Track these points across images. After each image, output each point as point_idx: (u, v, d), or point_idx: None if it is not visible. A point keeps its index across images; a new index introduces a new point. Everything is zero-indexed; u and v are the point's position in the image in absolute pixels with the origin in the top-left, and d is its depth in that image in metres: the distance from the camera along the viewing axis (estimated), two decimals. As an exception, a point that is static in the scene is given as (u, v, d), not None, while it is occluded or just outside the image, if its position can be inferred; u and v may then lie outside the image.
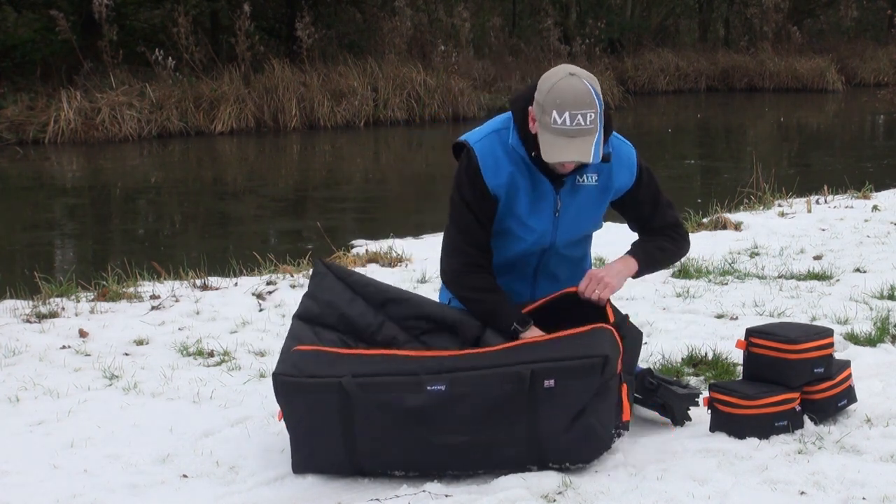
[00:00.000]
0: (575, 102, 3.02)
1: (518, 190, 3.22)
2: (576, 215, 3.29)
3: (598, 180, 3.28)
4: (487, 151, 3.21)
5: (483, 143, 3.23)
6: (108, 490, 3.02)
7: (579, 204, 3.28)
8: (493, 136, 3.24)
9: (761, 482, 2.91)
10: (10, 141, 14.42)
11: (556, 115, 3.02)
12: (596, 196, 3.30)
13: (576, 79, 3.05)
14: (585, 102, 3.02)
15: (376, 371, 3.03)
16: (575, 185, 3.25)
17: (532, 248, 3.32)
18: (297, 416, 3.07)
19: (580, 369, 2.95)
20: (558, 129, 3.03)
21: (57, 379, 4.04)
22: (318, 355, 3.12)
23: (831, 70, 23.41)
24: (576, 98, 3.02)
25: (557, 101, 3.02)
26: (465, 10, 20.08)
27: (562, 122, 3.02)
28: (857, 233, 6.78)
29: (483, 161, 3.20)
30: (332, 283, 3.34)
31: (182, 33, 16.57)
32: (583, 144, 3.04)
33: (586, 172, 3.25)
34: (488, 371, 2.98)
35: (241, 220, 10.25)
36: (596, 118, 3.04)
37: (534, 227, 3.27)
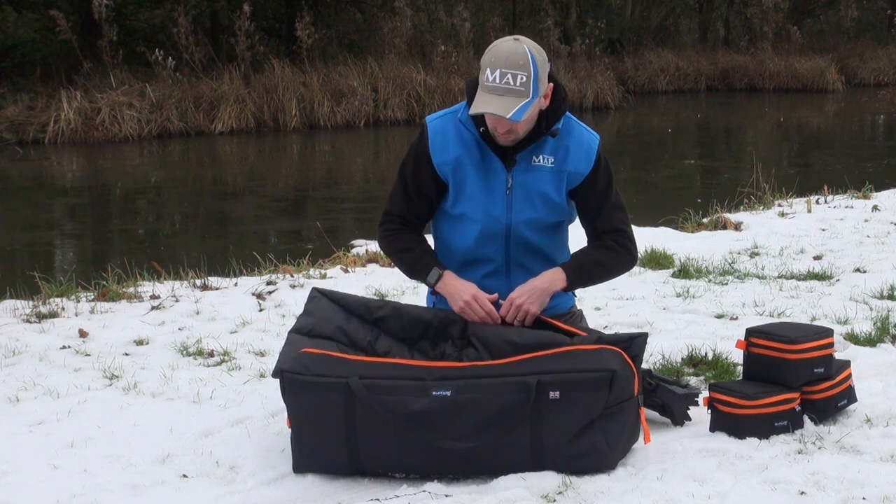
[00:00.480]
0: (507, 62, 3.08)
1: (466, 168, 3.26)
2: (529, 196, 3.27)
3: (554, 162, 3.27)
4: (439, 129, 3.30)
5: (437, 122, 3.32)
6: (108, 490, 3.02)
7: (532, 184, 3.27)
8: (449, 115, 3.33)
9: (761, 482, 2.91)
10: (10, 141, 14.42)
11: (488, 72, 3.10)
12: (551, 178, 3.28)
13: (517, 43, 3.12)
14: (518, 64, 3.08)
15: (383, 374, 3.03)
16: (530, 165, 3.26)
17: (491, 230, 3.30)
18: (302, 414, 3.07)
19: (587, 382, 2.95)
20: (488, 87, 3.09)
21: (57, 379, 4.04)
22: (325, 357, 3.12)
23: (831, 70, 23.41)
24: (508, 58, 3.09)
25: (492, 60, 3.11)
26: (465, 10, 20.08)
27: (492, 80, 3.09)
28: (857, 233, 6.78)
29: (433, 138, 3.28)
30: (327, 304, 3.35)
31: (182, 33, 16.57)
32: (506, 102, 3.08)
33: (542, 153, 3.26)
34: (495, 380, 2.98)
35: (241, 220, 10.25)
36: (528, 83, 3.08)
37: (486, 206, 3.27)
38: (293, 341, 3.24)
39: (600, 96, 19.84)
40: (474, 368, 3.05)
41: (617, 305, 5.01)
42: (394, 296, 5.31)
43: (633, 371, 3.04)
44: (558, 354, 3.04)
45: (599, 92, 19.83)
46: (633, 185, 11.74)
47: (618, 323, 4.66)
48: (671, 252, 6.08)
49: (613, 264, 3.36)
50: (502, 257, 3.35)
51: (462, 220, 3.33)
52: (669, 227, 7.35)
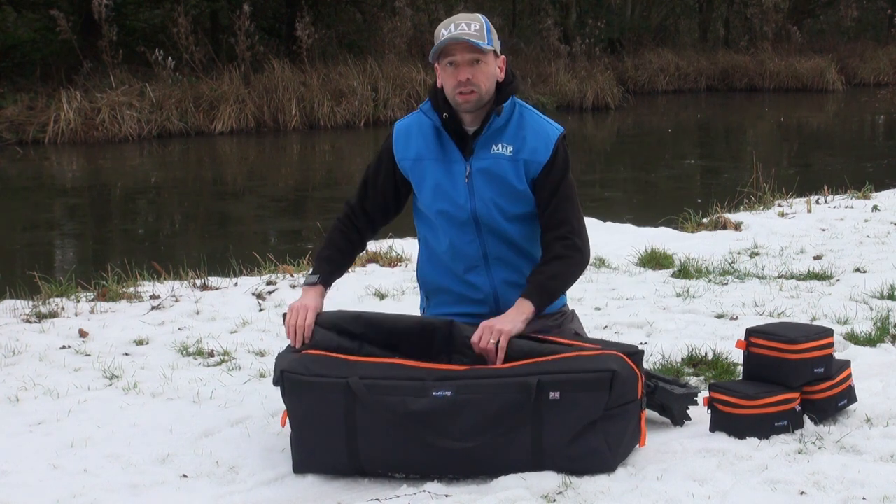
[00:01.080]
0: (458, 17, 3.30)
1: (425, 161, 3.34)
2: (489, 182, 3.30)
3: (513, 151, 3.31)
4: (403, 127, 3.43)
5: (403, 121, 3.46)
6: (108, 490, 3.02)
7: (491, 171, 3.30)
8: (416, 114, 3.45)
9: (761, 482, 2.91)
10: (10, 141, 14.42)
11: (443, 30, 3.27)
12: (510, 166, 3.30)
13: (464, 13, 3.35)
14: (469, 17, 3.31)
15: (383, 375, 3.03)
16: (489, 153, 3.30)
17: (458, 219, 3.32)
18: (302, 415, 3.07)
19: (587, 382, 2.95)
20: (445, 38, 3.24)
21: (57, 379, 4.03)
22: (325, 359, 3.13)
23: (831, 70, 23.41)
24: (460, 15, 3.31)
25: (443, 23, 3.31)
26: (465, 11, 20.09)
27: (447, 32, 3.24)
28: (857, 233, 6.78)
29: (397, 137, 3.41)
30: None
31: (182, 33, 16.58)
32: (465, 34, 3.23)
33: (501, 141, 3.30)
34: (496, 379, 2.98)
35: (241, 220, 10.26)
36: (482, 31, 3.26)
37: (448, 195, 3.32)
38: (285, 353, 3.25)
39: (600, 96, 19.84)
40: (475, 371, 3.05)
41: (617, 305, 5.01)
42: (394, 295, 5.32)
43: (637, 374, 3.04)
44: (558, 359, 3.03)
45: (599, 92, 19.83)
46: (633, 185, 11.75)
47: (618, 323, 4.66)
48: (671, 252, 6.08)
49: (568, 272, 3.32)
50: (478, 250, 3.35)
51: (432, 215, 3.39)
52: (669, 227, 7.35)
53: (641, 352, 3.17)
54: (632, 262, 6.00)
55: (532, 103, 4.06)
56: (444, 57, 3.26)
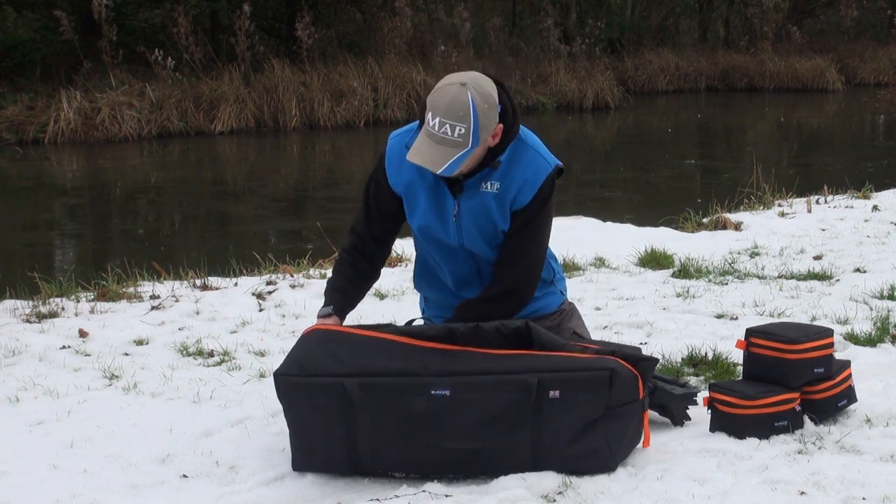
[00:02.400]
0: (447, 111, 2.99)
1: (417, 190, 3.23)
2: (475, 221, 3.23)
3: (499, 189, 3.20)
4: (395, 149, 3.26)
5: (395, 140, 3.28)
6: (108, 490, 3.02)
7: (477, 210, 3.21)
8: (405, 134, 3.27)
9: (761, 482, 2.91)
10: (10, 141, 14.42)
11: (429, 116, 3.04)
12: (495, 204, 3.21)
13: (462, 90, 3.00)
14: (458, 116, 2.99)
15: (379, 369, 3.01)
16: (478, 191, 3.20)
17: (448, 248, 3.29)
18: (299, 416, 3.06)
19: (586, 381, 2.94)
20: (428, 131, 3.04)
21: (57, 379, 4.04)
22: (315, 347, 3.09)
23: (831, 70, 23.41)
24: (448, 107, 3.00)
25: (434, 104, 3.03)
26: (465, 10, 20.09)
27: (432, 126, 3.03)
28: (857, 233, 6.78)
29: (389, 157, 3.27)
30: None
31: (182, 33, 16.58)
32: (440, 154, 3.01)
33: (490, 179, 3.19)
34: (495, 377, 2.96)
35: (241, 220, 10.25)
36: (466, 134, 2.99)
37: (437, 230, 3.27)
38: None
39: (600, 96, 19.84)
40: (474, 359, 3.01)
41: (617, 305, 5.01)
42: (394, 295, 5.32)
43: (636, 374, 3.04)
44: (558, 357, 3.03)
45: (599, 92, 19.83)
46: (633, 185, 11.76)
47: (618, 323, 4.66)
48: (671, 252, 6.08)
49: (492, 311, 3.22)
50: (472, 269, 3.34)
51: (423, 241, 3.36)
52: (669, 227, 7.35)
53: (656, 360, 3.14)
54: (632, 262, 6.00)
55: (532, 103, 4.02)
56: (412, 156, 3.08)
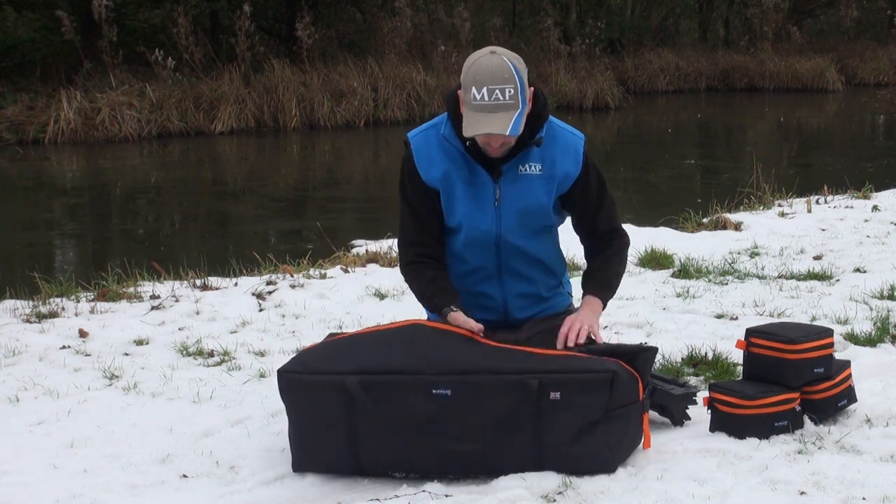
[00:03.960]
0: (492, 78, 3.04)
1: (454, 182, 3.23)
2: (518, 205, 3.25)
3: (542, 169, 3.24)
4: (422, 145, 3.25)
5: (419, 138, 3.27)
6: (108, 490, 3.02)
7: (521, 193, 3.24)
8: (430, 130, 3.28)
9: (761, 482, 2.91)
10: (10, 141, 14.42)
11: (475, 91, 3.05)
12: (540, 185, 3.25)
13: (495, 56, 3.07)
14: (503, 78, 3.04)
15: (382, 367, 3.00)
16: (517, 175, 3.23)
17: (481, 241, 3.27)
18: (301, 414, 3.07)
19: (587, 383, 2.94)
20: (477, 105, 3.05)
21: (57, 379, 4.04)
22: (321, 347, 3.12)
23: (831, 70, 23.40)
24: (493, 74, 3.05)
25: (476, 78, 3.06)
26: (465, 10, 20.08)
27: (480, 98, 3.04)
28: (857, 233, 6.78)
29: (418, 155, 3.24)
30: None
31: (182, 33, 16.58)
32: (501, 119, 3.05)
33: (529, 161, 3.23)
34: (496, 377, 2.96)
35: (241, 220, 10.25)
36: (516, 94, 3.05)
37: (475, 219, 3.25)
38: None
39: (600, 96, 19.84)
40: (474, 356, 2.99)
41: (617, 305, 5.00)
42: (394, 295, 5.32)
43: (636, 376, 3.04)
44: (559, 357, 3.03)
45: (599, 92, 19.83)
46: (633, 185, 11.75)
47: (618, 323, 4.66)
48: (671, 252, 6.08)
49: (623, 265, 3.43)
50: (494, 264, 3.33)
51: (454, 233, 3.32)
52: (669, 227, 7.35)
53: (654, 349, 3.17)
54: (632, 262, 6.00)
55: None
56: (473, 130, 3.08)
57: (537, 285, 3.37)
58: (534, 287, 3.36)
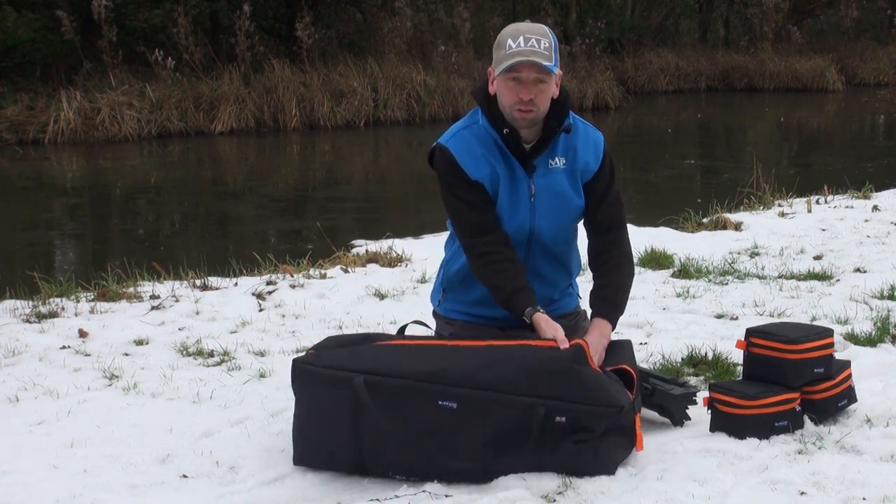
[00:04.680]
0: (529, 30, 3.14)
1: (499, 179, 3.23)
2: (551, 200, 3.27)
3: (566, 163, 3.28)
4: (462, 146, 3.24)
5: (455, 140, 3.26)
6: (108, 490, 3.02)
7: (552, 188, 3.27)
8: (463, 132, 3.28)
9: (761, 482, 2.91)
10: (10, 141, 14.41)
11: (510, 41, 3.11)
12: (566, 179, 3.29)
13: (527, 22, 3.19)
14: (540, 31, 3.14)
15: (393, 370, 2.99)
16: (547, 169, 3.26)
17: (515, 235, 3.27)
18: (308, 405, 3.07)
19: (594, 415, 2.93)
20: (513, 52, 3.09)
21: (57, 379, 4.04)
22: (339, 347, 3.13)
23: (831, 70, 23.40)
24: (529, 28, 3.15)
25: (512, 31, 3.14)
26: (465, 10, 20.07)
27: (516, 45, 3.10)
28: (857, 233, 6.78)
29: (460, 155, 3.22)
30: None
31: (182, 33, 16.57)
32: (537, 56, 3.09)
33: (556, 155, 3.26)
34: (503, 396, 2.93)
35: (241, 220, 10.25)
36: (551, 49, 3.12)
37: (512, 215, 3.25)
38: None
39: (600, 96, 19.84)
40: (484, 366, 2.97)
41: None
42: (394, 296, 5.31)
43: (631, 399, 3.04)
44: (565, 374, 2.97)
45: (599, 92, 19.83)
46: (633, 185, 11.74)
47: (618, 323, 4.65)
48: (671, 252, 6.08)
49: (629, 277, 3.41)
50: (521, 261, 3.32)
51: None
52: (669, 227, 7.35)
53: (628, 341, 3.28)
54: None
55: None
56: (508, 71, 3.13)
57: (553, 288, 3.39)
58: (550, 289, 3.38)
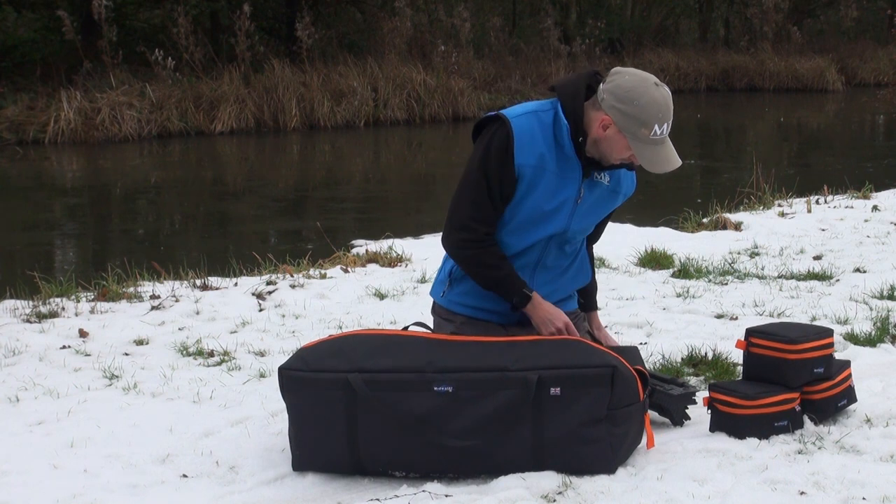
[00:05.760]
0: (670, 112, 3.15)
1: (544, 171, 3.19)
2: (591, 208, 3.31)
3: (610, 182, 3.33)
4: (525, 128, 3.18)
5: (521, 120, 3.20)
6: (108, 490, 3.02)
7: (595, 198, 3.31)
8: (531, 115, 3.22)
9: (761, 482, 2.91)
10: (10, 141, 14.41)
11: (657, 128, 3.12)
12: (606, 196, 3.34)
13: (662, 88, 3.15)
14: (671, 110, 3.16)
15: (383, 366, 3.01)
16: (593, 180, 3.29)
17: (545, 233, 3.26)
18: (302, 411, 3.07)
19: (588, 378, 2.95)
20: (658, 139, 3.14)
21: (57, 379, 4.04)
22: (322, 345, 3.13)
23: (831, 70, 23.39)
24: (670, 108, 3.15)
25: (659, 115, 3.12)
26: (465, 10, 20.08)
27: (661, 133, 3.14)
28: (857, 233, 6.78)
29: (519, 137, 3.16)
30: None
31: (182, 33, 16.57)
32: (672, 151, 3.19)
33: (601, 171, 3.29)
34: (497, 374, 2.97)
35: (241, 220, 10.25)
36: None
37: (552, 210, 3.22)
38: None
39: (600, 96, 19.80)
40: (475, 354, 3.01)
41: (617, 305, 5.01)
42: (394, 296, 5.31)
43: (635, 376, 3.04)
44: (557, 343, 3.05)
45: (599, 92, 19.79)
46: (632, 185, 11.72)
47: (618, 323, 4.66)
48: (671, 252, 6.08)
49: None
50: (536, 258, 3.32)
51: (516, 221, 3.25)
52: (669, 227, 7.35)
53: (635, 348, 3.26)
54: (632, 262, 6.00)
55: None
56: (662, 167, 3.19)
57: (563, 280, 3.40)
58: (556, 292, 3.38)
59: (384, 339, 3.14)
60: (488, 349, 3.05)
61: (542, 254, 3.32)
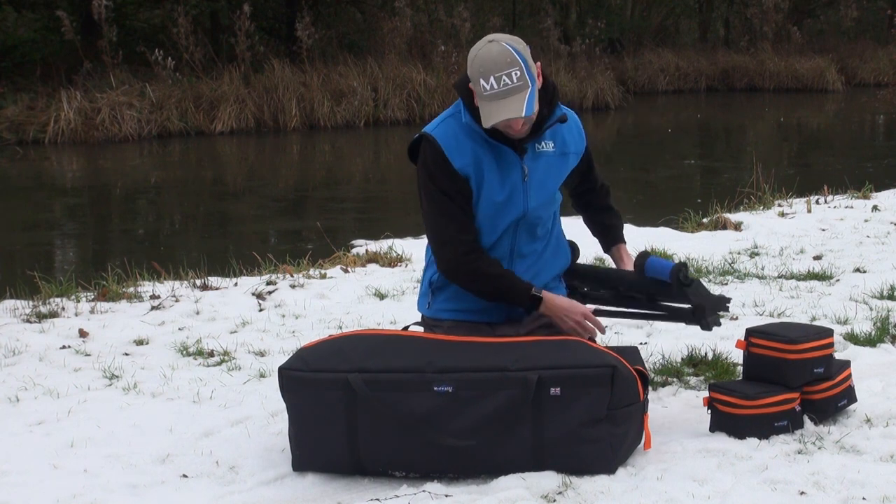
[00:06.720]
0: (497, 65, 3.11)
1: (483, 164, 3.24)
2: (542, 180, 3.31)
3: (555, 147, 3.34)
4: (448, 134, 3.25)
5: (440, 129, 3.27)
6: (108, 490, 3.02)
7: (543, 168, 3.31)
8: (448, 120, 3.29)
9: (761, 482, 2.91)
10: (10, 141, 14.42)
11: (483, 82, 3.12)
12: (556, 161, 3.35)
13: (494, 44, 3.15)
14: (507, 62, 3.12)
15: (383, 366, 3.02)
16: (535, 152, 3.30)
17: (507, 221, 3.28)
18: (302, 411, 3.07)
19: (588, 378, 2.95)
20: (489, 95, 3.11)
21: (57, 379, 4.04)
22: (323, 345, 3.13)
23: (831, 70, 23.39)
24: (496, 62, 3.12)
25: (482, 69, 3.13)
26: (465, 10, 20.07)
27: (490, 87, 3.11)
28: (857, 233, 6.78)
29: (445, 144, 3.23)
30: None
31: (182, 33, 16.58)
32: (514, 102, 3.11)
33: (543, 139, 3.30)
34: (498, 374, 2.97)
35: (241, 220, 10.26)
36: (523, 74, 3.13)
37: (505, 198, 3.25)
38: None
39: (600, 96, 19.84)
40: (474, 354, 3.02)
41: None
42: (394, 296, 5.31)
43: (635, 376, 3.04)
44: (556, 343, 3.05)
45: (599, 92, 19.83)
46: (633, 185, 11.74)
47: (618, 323, 4.66)
48: (671, 252, 6.08)
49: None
50: (508, 247, 3.33)
51: (483, 217, 3.28)
52: (669, 227, 7.35)
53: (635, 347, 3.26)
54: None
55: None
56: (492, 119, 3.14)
57: (542, 275, 3.37)
58: (538, 277, 3.35)
59: (384, 339, 3.14)
60: (488, 349, 3.05)
61: (513, 242, 3.33)
